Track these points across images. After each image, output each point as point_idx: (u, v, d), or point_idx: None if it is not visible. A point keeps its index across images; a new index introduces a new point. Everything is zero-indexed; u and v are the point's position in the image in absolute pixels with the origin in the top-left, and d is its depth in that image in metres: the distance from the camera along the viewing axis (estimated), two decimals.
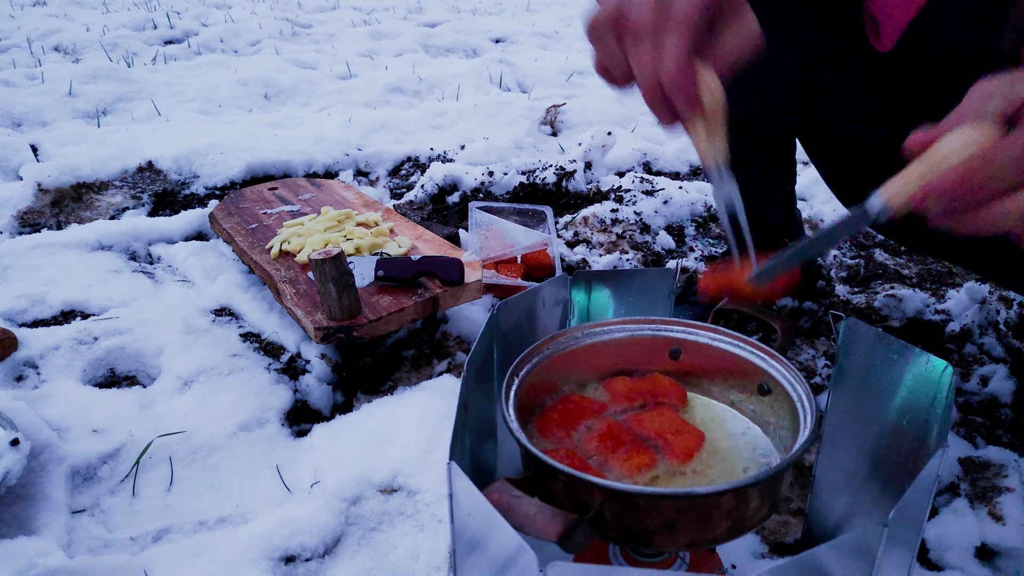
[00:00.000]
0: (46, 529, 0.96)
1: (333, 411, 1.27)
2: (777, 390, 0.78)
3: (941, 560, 0.97)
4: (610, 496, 0.62)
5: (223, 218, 1.67)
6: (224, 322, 1.42)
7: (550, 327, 0.92)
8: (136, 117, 2.76)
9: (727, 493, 0.62)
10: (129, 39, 3.98)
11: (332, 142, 2.35)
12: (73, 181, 2.03)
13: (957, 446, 1.13)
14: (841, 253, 1.78)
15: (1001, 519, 0.99)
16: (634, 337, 0.87)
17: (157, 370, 1.31)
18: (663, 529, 0.63)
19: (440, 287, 1.32)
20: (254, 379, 1.26)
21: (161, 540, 1.00)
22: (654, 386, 0.84)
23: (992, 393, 1.26)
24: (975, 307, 1.46)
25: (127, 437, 1.13)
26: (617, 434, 0.74)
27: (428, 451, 1.08)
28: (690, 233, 1.90)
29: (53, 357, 1.29)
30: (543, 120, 2.65)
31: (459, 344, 1.40)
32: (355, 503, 1.02)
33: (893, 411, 0.75)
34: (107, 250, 1.71)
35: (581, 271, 0.92)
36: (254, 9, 5.30)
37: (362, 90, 3.14)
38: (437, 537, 0.96)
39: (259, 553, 0.92)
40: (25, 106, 2.70)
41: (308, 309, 1.27)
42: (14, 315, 1.44)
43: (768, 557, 0.98)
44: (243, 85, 3.12)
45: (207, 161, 2.20)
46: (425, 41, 4.30)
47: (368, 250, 1.47)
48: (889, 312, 1.52)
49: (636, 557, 0.76)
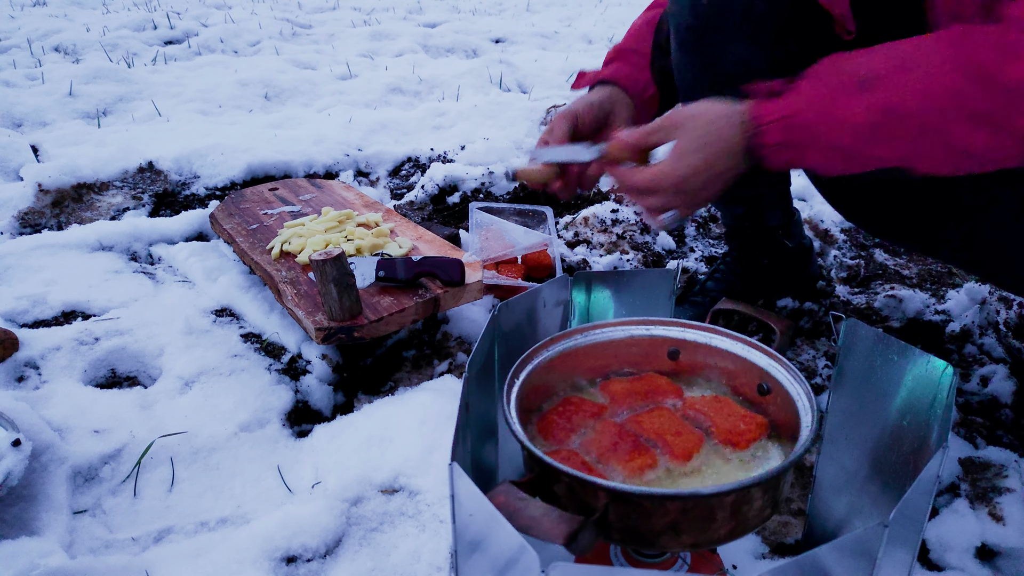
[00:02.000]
0: (48, 529, 0.96)
1: (334, 412, 1.27)
2: (777, 390, 0.78)
3: (941, 560, 0.97)
4: (615, 498, 0.62)
5: (224, 219, 1.67)
6: (225, 323, 1.42)
7: (551, 328, 0.93)
8: (136, 117, 2.76)
9: (731, 493, 0.62)
10: (129, 39, 3.98)
11: (332, 142, 2.36)
12: (74, 182, 2.03)
13: (957, 446, 1.13)
14: (841, 253, 1.79)
15: (1001, 519, 0.99)
16: (633, 338, 0.88)
17: (158, 370, 1.31)
18: (667, 530, 0.63)
19: (441, 288, 1.32)
20: (255, 380, 1.26)
21: (162, 540, 1.00)
22: (651, 386, 0.84)
23: (992, 393, 1.26)
24: (975, 307, 1.46)
25: (128, 438, 1.13)
26: (618, 435, 0.74)
27: (429, 451, 1.08)
28: (690, 234, 1.91)
29: (54, 358, 1.29)
30: (543, 120, 2.65)
31: (460, 345, 1.40)
32: (356, 503, 1.02)
33: (893, 412, 0.75)
34: (108, 251, 1.71)
35: (581, 272, 0.92)
36: (254, 9, 5.30)
37: (362, 90, 3.14)
38: (439, 538, 0.96)
39: (260, 553, 0.92)
40: (25, 106, 2.70)
41: (309, 310, 1.28)
42: (15, 316, 1.44)
43: (769, 558, 0.99)
44: (243, 85, 3.12)
45: (207, 161, 2.20)
46: (425, 41, 4.30)
47: (369, 251, 1.47)
48: (889, 312, 1.52)
49: (637, 558, 0.77)
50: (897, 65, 0.77)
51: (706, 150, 0.85)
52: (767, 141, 0.82)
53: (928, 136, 0.76)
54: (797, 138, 0.81)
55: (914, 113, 0.75)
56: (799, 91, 0.81)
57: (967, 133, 0.74)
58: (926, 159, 0.78)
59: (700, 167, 0.85)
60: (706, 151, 0.85)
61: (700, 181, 0.86)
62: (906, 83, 0.76)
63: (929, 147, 0.76)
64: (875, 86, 0.77)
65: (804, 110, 0.80)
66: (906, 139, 0.77)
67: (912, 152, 0.77)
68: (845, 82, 0.79)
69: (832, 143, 0.79)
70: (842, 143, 0.79)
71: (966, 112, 0.73)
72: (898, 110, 0.76)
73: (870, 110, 0.77)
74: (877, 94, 0.77)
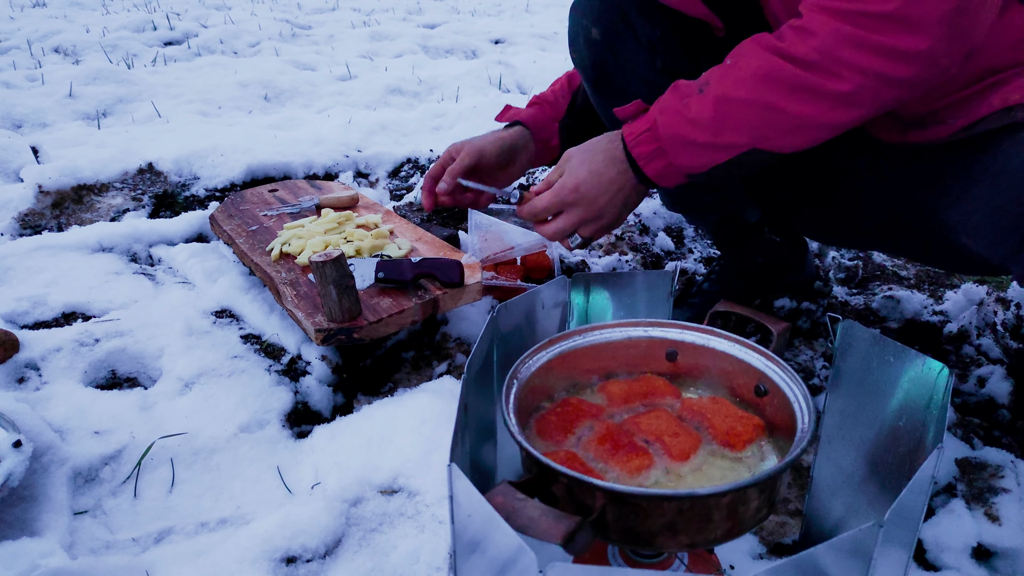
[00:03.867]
0: (48, 530, 0.96)
1: (333, 412, 1.27)
2: (774, 391, 0.79)
3: (938, 560, 0.97)
4: (612, 498, 0.62)
5: (223, 220, 1.68)
6: (225, 324, 1.43)
7: (549, 329, 0.93)
8: (136, 119, 2.76)
9: (727, 494, 0.62)
10: (129, 40, 3.98)
11: (332, 144, 2.36)
12: (74, 183, 2.03)
13: (954, 447, 1.14)
14: (840, 254, 1.79)
15: (997, 520, 1.00)
16: (631, 339, 0.88)
17: (158, 372, 1.31)
18: (664, 530, 0.64)
19: (440, 289, 1.33)
20: (255, 381, 1.27)
21: (163, 541, 1.00)
22: (649, 387, 0.84)
23: (989, 394, 1.27)
24: (972, 308, 1.46)
25: (128, 438, 1.13)
26: (615, 436, 0.75)
27: (428, 452, 1.08)
28: (689, 235, 1.91)
29: (54, 359, 1.30)
30: None
31: (459, 346, 1.40)
32: (356, 504, 1.03)
33: (890, 412, 0.75)
34: (108, 252, 1.71)
35: (580, 274, 0.93)
36: (254, 10, 5.31)
37: (362, 91, 3.14)
38: (437, 538, 0.96)
39: (260, 554, 0.93)
40: (25, 108, 2.70)
41: (309, 311, 1.28)
42: (15, 317, 1.45)
43: (766, 558, 0.99)
44: (243, 87, 3.12)
45: (207, 163, 2.21)
46: (425, 42, 4.30)
47: (368, 252, 1.48)
48: (887, 313, 1.52)
49: (635, 558, 0.77)
50: (724, 68, 0.94)
51: (591, 162, 1.03)
52: (641, 152, 0.98)
53: (763, 113, 0.90)
54: (663, 144, 0.96)
55: (745, 97, 0.90)
56: (655, 108, 0.98)
57: (793, 104, 0.88)
58: (772, 135, 0.91)
59: (587, 176, 1.03)
60: (591, 163, 1.03)
61: (594, 187, 1.03)
62: (733, 76, 0.91)
63: (769, 124, 0.90)
64: (709, 87, 0.93)
65: (661, 121, 0.96)
66: (747, 120, 0.91)
67: (758, 132, 0.91)
68: (688, 92, 0.95)
69: (691, 139, 0.94)
70: (699, 138, 0.94)
71: (786, 86, 0.88)
72: (732, 96, 0.91)
73: (710, 104, 0.92)
74: (712, 91, 0.92)
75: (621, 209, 1.07)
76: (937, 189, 1.02)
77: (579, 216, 1.06)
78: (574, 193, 1.04)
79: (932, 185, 1.03)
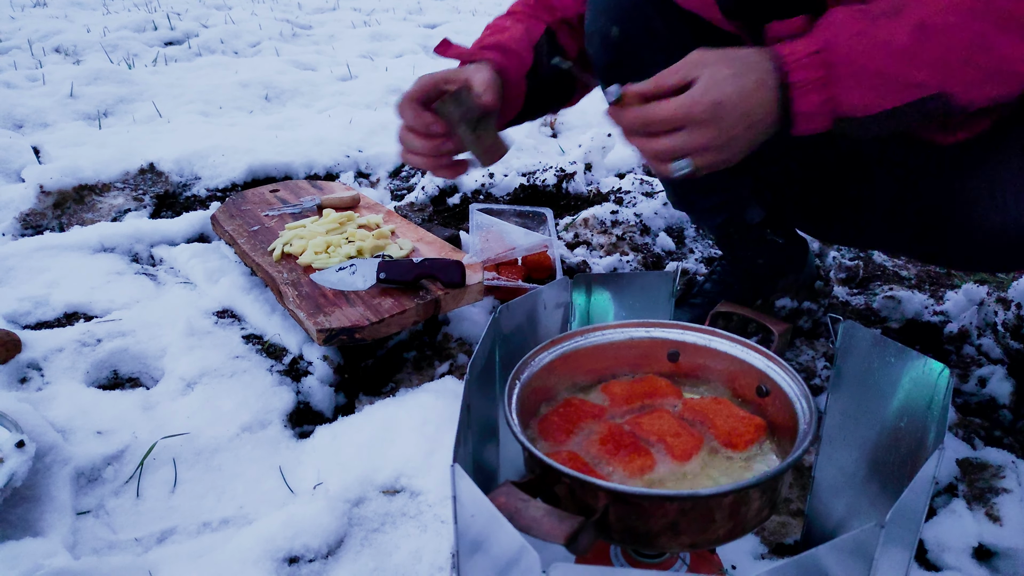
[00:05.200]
0: (51, 530, 0.97)
1: (335, 413, 1.27)
2: (775, 391, 0.79)
3: (939, 560, 0.97)
4: (615, 498, 0.62)
5: (225, 220, 1.68)
6: (226, 324, 1.43)
7: (551, 330, 0.93)
8: (137, 119, 2.76)
9: (729, 494, 0.63)
10: (130, 40, 3.98)
11: (333, 144, 2.36)
12: (75, 183, 2.03)
13: (955, 447, 1.14)
14: (840, 255, 1.79)
15: (998, 520, 1.00)
16: (633, 340, 0.88)
17: (160, 372, 1.32)
18: (667, 530, 0.64)
19: (441, 289, 1.33)
20: (257, 381, 1.27)
21: (165, 541, 1.00)
22: (651, 388, 0.85)
23: (990, 394, 1.27)
24: (973, 308, 1.46)
25: (131, 439, 1.13)
26: (618, 437, 0.75)
27: (430, 452, 1.08)
28: (690, 235, 1.91)
29: (56, 359, 1.30)
30: (543, 121, 2.66)
31: (460, 346, 1.41)
32: (358, 504, 1.03)
33: (891, 413, 0.75)
34: (109, 252, 1.71)
35: (582, 274, 0.93)
36: (254, 10, 5.31)
37: (362, 91, 3.14)
38: (440, 538, 0.97)
39: (263, 554, 0.93)
40: (26, 108, 2.70)
41: (310, 311, 1.28)
42: (17, 317, 1.45)
43: (768, 558, 0.99)
44: (244, 87, 3.12)
45: (208, 163, 2.21)
46: (425, 42, 4.30)
47: (370, 252, 1.48)
48: (888, 313, 1.53)
49: (637, 558, 0.77)
50: None
51: (741, 77, 0.78)
52: (802, 77, 0.77)
53: (968, 50, 0.74)
54: (837, 71, 0.76)
55: (955, 22, 0.73)
56: (829, 25, 0.77)
57: (1007, 41, 0.73)
58: (964, 82, 0.76)
59: (733, 93, 0.77)
60: (741, 79, 0.78)
61: (734, 113, 0.78)
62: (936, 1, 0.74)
63: (971, 62, 0.75)
64: (907, 9, 0.75)
65: (839, 40, 0.76)
66: (948, 55, 0.74)
67: (956, 73, 0.75)
68: (873, 11, 0.76)
69: (877, 69, 0.75)
70: (885, 68, 0.75)
71: (1003, 16, 0.72)
72: (936, 23, 0.74)
73: (907, 29, 0.75)
74: (910, 14, 0.75)
75: (747, 147, 0.82)
76: (974, 174, 0.96)
77: (706, 139, 0.79)
78: (711, 110, 0.78)
79: (973, 173, 0.98)
